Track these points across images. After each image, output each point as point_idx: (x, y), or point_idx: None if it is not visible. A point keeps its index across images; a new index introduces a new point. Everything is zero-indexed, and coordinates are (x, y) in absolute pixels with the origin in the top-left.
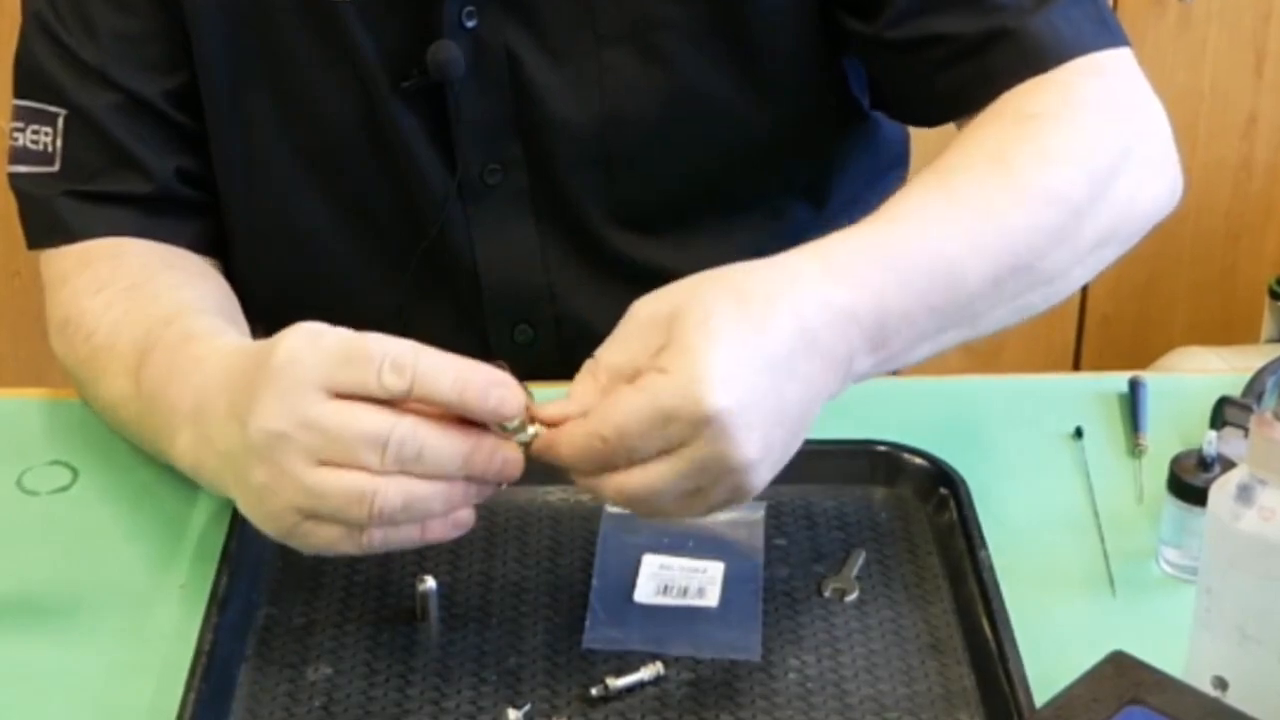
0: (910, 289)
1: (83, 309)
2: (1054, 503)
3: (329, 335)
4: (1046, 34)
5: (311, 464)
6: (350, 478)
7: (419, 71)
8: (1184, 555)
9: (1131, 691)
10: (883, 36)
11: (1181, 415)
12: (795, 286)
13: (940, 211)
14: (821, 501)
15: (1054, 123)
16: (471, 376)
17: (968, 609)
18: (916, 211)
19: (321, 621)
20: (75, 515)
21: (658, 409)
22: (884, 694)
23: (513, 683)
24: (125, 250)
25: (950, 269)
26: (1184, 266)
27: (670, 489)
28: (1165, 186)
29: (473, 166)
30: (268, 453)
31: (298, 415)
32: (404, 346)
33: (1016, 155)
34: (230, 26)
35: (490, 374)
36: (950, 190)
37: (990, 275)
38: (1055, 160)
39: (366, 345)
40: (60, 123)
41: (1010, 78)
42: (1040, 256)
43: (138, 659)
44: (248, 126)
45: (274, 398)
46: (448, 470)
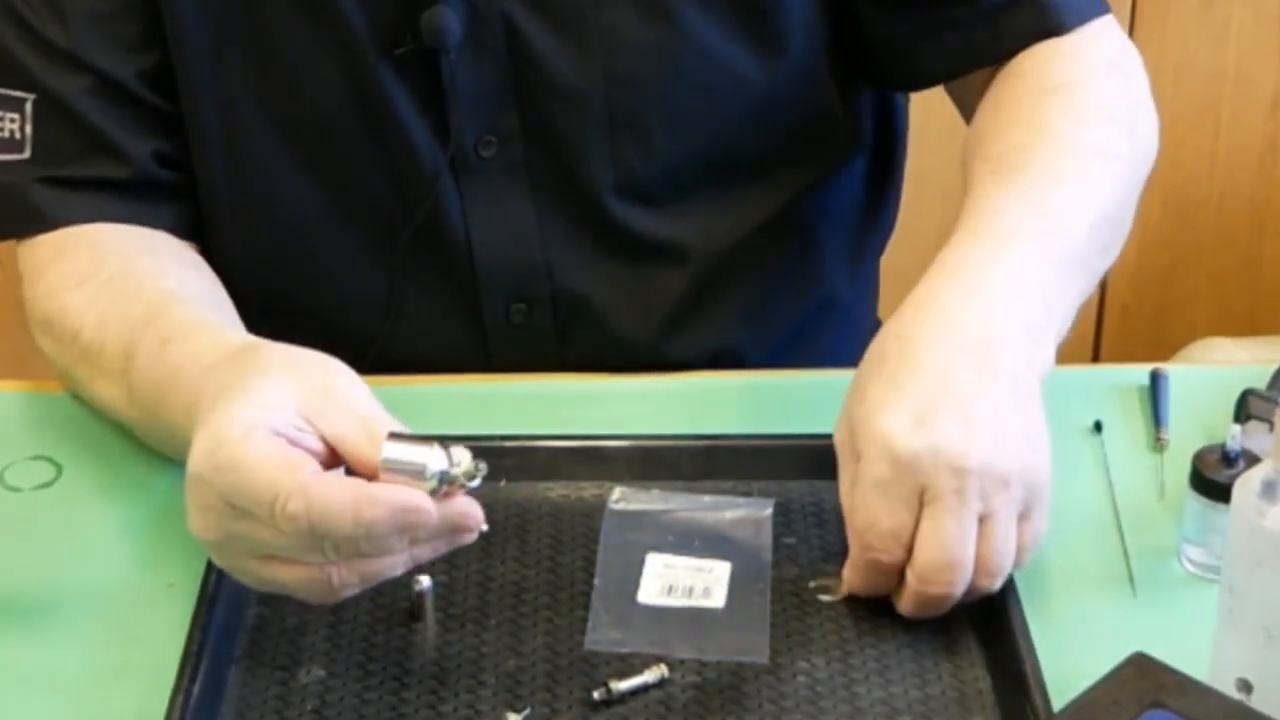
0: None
1: (64, 306)
2: (1072, 499)
3: (224, 453)
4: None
5: (259, 560)
6: (301, 570)
7: (412, 39)
8: (1207, 553)
9: (1153, 694)
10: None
11: (1204, 408)
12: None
13: (1041, 195)
14: (832, 498)
15: (1079, 92)
16: (375, 515)
17: (983, 609)
18: (1019, 209)
19: (314, 622)
20: (59, 512)
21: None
22: (896, 697)
23: (512, 686)
24: (102, 238)
25: (1076, 252)
26: (1207, 254)
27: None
28: (1157, 128)
29: (466, 138)
30: (216, 553)
31: (224, 529)
32: (295, 487)
33: (1060, 123)
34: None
35: (394, 502)
36: (1031, 174)
37: (1089, 231)
38: (1094, 122)
39: (256, 482)
40: (29, 108)
41: (1024, 39)
42: (1116, 205)
43: (124, 660)
44: (227, 101)
45: (196, 511)
46: (393, 549)
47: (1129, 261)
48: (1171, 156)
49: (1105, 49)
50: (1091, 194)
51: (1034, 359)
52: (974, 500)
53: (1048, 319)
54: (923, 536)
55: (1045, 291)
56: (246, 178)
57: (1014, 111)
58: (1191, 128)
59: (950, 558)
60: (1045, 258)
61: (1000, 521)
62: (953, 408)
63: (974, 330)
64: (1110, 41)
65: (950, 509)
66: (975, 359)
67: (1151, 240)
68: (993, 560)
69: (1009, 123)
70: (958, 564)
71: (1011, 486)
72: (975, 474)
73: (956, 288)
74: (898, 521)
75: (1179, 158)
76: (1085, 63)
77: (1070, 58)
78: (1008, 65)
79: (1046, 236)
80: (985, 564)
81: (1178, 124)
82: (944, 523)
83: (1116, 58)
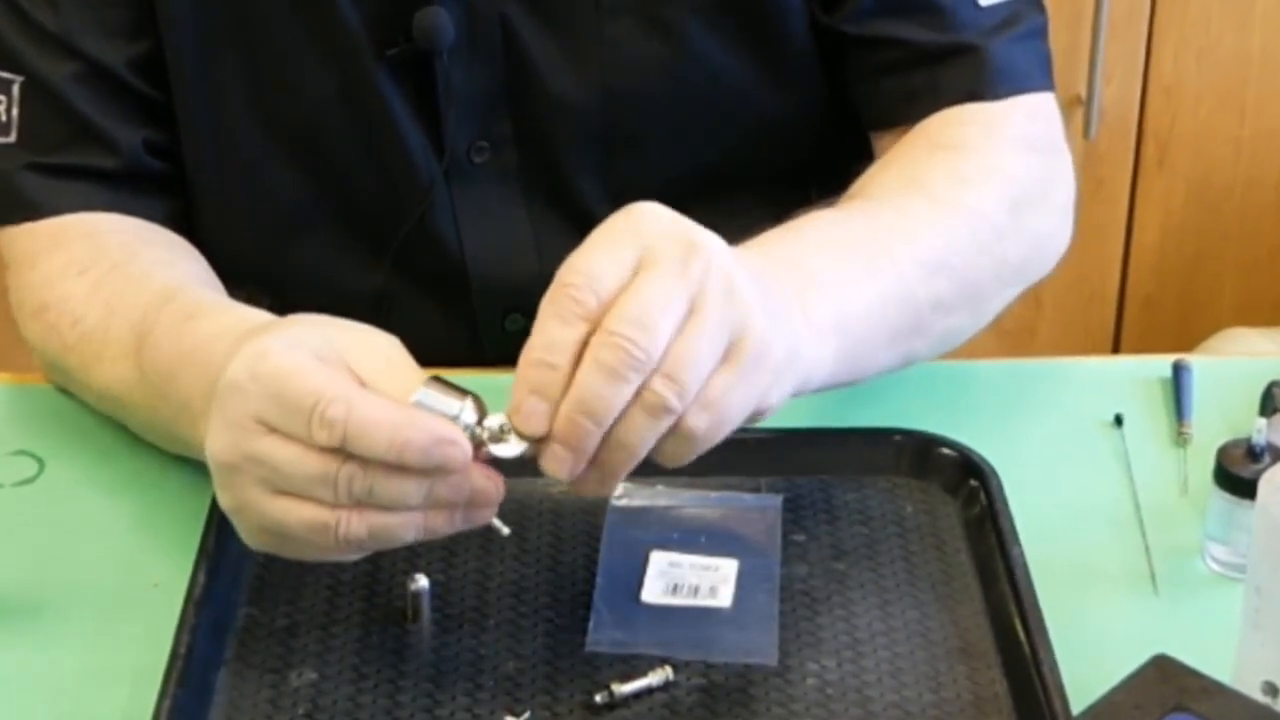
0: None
1: (65, 294)
2: (1092, 495)
3: (269, 361)
4: (1004, 62)
5: (268, 493)
6: (309, 510)
7: (404, 39)
8: (1231, 551)
9: (1175, 698)
10: (840, 29)
11: (1229, 401)
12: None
13: (864, 222)
14: (843, 494)
15: (971, 153)
16: (411, 436)
17: (999, 610)
18: (841, 223)
19: (306, 623)
20: (42, 509)
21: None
22: (909, 701)
23: (511, 689)
24: (100, 228)
25: (887, 258)
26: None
27: (661, 301)
28: (1065, 237)
29: (459, 143)
30: (225, 481)
31: (242, 449)
32: (338, 394)
33: (933, 177)
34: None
35: (433, 429)
36: (869, 203)
37: (919, 267)
38: (972, 182)
39: (299, 385)
40: (16, 90)
41: (958, 95)
42: (966, 264)
43: (109, 663)
44: (217, 96)
45: (221, 428)
46: (408, 504)
47: (1150, 249)
48: (1195, 142)
49: (1030, 129)
50: (935, 238)
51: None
52: (693, 280)
53: (821, 307)
54: (622, 294)
55: (827, 285)
56: (234, 173)
57: (894, 163)
58: (1215, 112)
59: (642, 311)
60: (843, 261)
61: (707, 320)
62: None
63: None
64: (1041, 123)
65: (664, 274)
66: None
67: (1174, 228)
68: (682, 356)
69: (881, 167)
70: (647, 323)
71: (735, 300)
72: (707, 253)
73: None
74: (602, 263)
75: (1203, 143)
76: (995, 131)
77: (981, 125)
78: (919, 125)
79: (852, 246)
80: (673, 358)
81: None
82: (652, 281)
83: (1041, 142)
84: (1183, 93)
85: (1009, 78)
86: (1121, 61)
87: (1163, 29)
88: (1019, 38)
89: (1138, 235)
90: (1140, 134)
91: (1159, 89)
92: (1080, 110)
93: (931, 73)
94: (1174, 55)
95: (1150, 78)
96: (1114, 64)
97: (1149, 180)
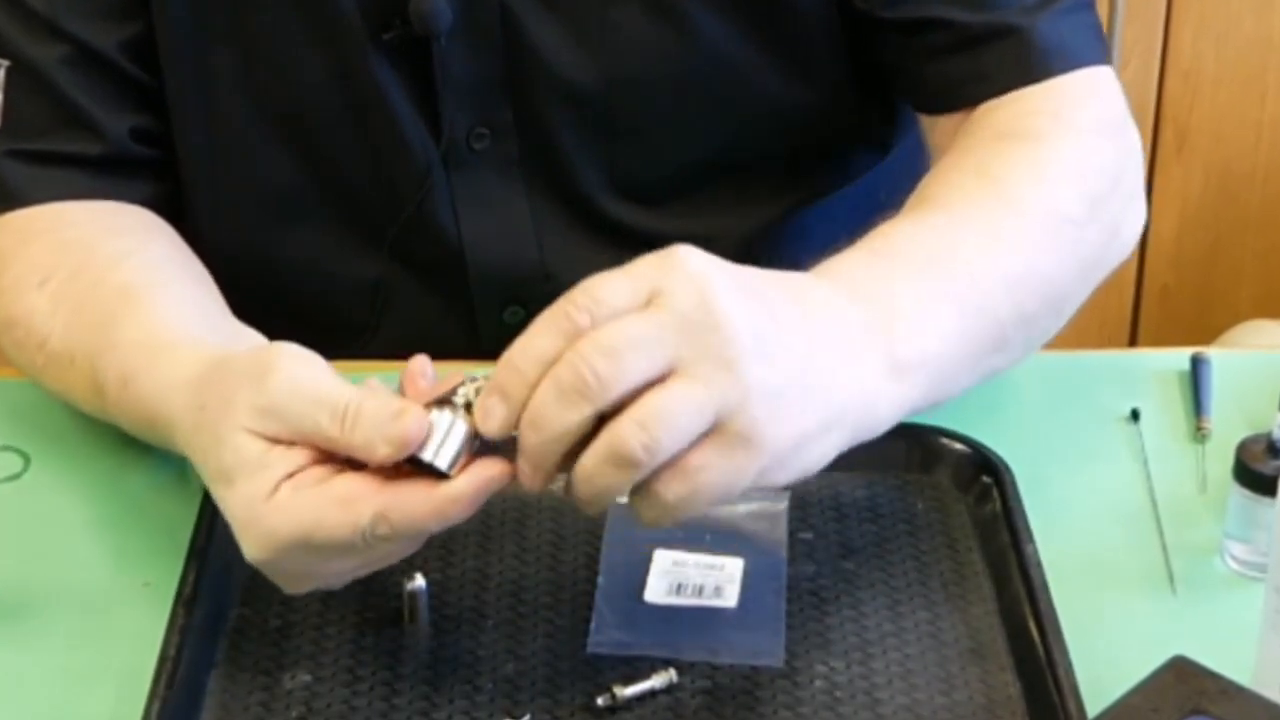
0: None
1: (30, 309)
2: (1108, 492)
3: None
4: (1052, 39)
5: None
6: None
7: (401, 23)
8: (1251, 550)
9: (1194, 701)
10: (877, 15)
11: (1249, 395)
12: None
13: (946, 235)
14: (851, 491)
15: (1045, 145)
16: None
17: (1013, 610)
18: (922, 240)
19: (299, 624)
20: (27, 506)
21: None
22: (920, 703)
23: (510, 691)
24: (64, 221)
25: (979, 299)
26: (1251, 232)
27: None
28: (1141, 217)
29: (458, 130)
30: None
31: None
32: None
33: (1010, 175)
34: None
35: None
36: (950, 213)
37: (1004, 286)
38: (1050, 180)
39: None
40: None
41: (1007, 81)
42: (1053, 270)
43: (96, 664)
44: (209, 80)
45: (246, 542)
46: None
47: (1168, 239)
48: (1215, 128)
49: (1096, 109)
50: (1017, 249)
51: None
52: (690, 338)
53: (909, 343)
54: (611, 320)
55: (912, 316)
56: (227, 160)
57: (964, 156)
58: (1236, 97)
59: (614, 342)
60: (927, 287)
61: (693, 384)
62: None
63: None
64: (1105, 100)
65: (660, 317)
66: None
67: (1193, 217)
68: (657, 409)
69: (954, 166)
70: (613, 354)
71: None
72: (721, 318)
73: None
74: (614, 289)
75: (1222, 129)
76: (1065, 119)
77: (1049, 114)
78: (980, 111)
79: (941, 272)
80: (647, 408)
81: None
82: (644, 319)
83: (1108, 121)
84: (1201, 77)
85: (1060, 56)
86: (1138, 45)
87: (1181, 11)
88: (1063, 11)
89: (1155, 224)
90: (1158, 120)
91: (1177, 73)
92: None
93: (975, 57)
94: (1192, 38)
95: (1168, 61)
96: (1131, 47)
97: (1167, 167)
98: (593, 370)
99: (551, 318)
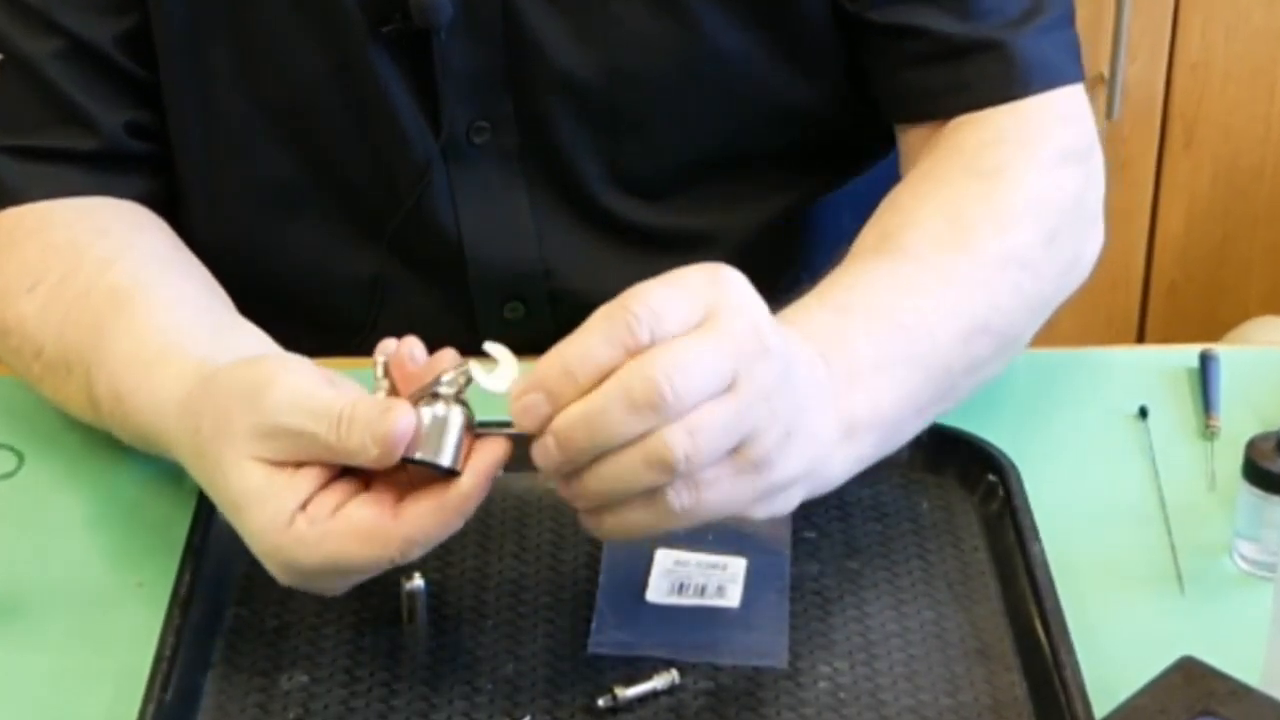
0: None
1: (21, 316)
2: (1115, 491)
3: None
4: (1033, 56)
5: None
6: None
7: (400, 16)
8: (1261, 549)
9: (1202, 702)
10: (863, 17)
11: (1258, 392)
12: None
13: (908, 286)
14: (856, 490)
15: (1010, 183)
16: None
17: (1019, 610)
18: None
19: (296, 624)
20: (21, 504)
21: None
22: (925, 704)
23: (510, 692)
24: (52, 221)
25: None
26: (1260, 227)
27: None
28: (1099, 240)
29: (458, 124)
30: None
31: (269, 547)
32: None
33: (973, 221)
34: None
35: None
36: (913, 260)
37: (960, 340)
38: (1011, 224)
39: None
40: None
41: (984, 95)
42: (1006, 319)
43: (91, 665)
44: (206, 73)
45: (270, 567)
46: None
47: (1176, 235)
48: (1223, 122)
49: (1064, 138)
50: (977, 302)
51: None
52: (746, 369)
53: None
54: (682, 338)
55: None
56: (223, 155)
57: (934, 190)
58: (1244, 91)
59: (691, 365)
60: (887, 349)
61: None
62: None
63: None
64: (1074, 125)
65: (724, 346)
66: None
67: (1201, 212)
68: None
69: (924, 197)
70: (690, 377)
71: (772, 409)
72: (772, 356)
73: None
74: (672, 305)
75: (1231, 123)
76: (1031, 149)
77: (1016, 143)
78: (950, 128)
79: (901, 330)
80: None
81: (1229, 87)
82: (711, 345)
83: (1074, 150)
84: (1210, 71)
85: (1038, 73)
86: (1146, 38)
87: (1189, 4)
88: (1046, 28)
89: (1163, 220)
90: (1165, 114)
91: (1185, 67)
92: (1103, 89)
93: (956, 68)
94: (1201, 31)
95: (1176, 55)
96: (1138, 41)
97: (1174, 162)
98: (671, 387)
99: (610, 327)
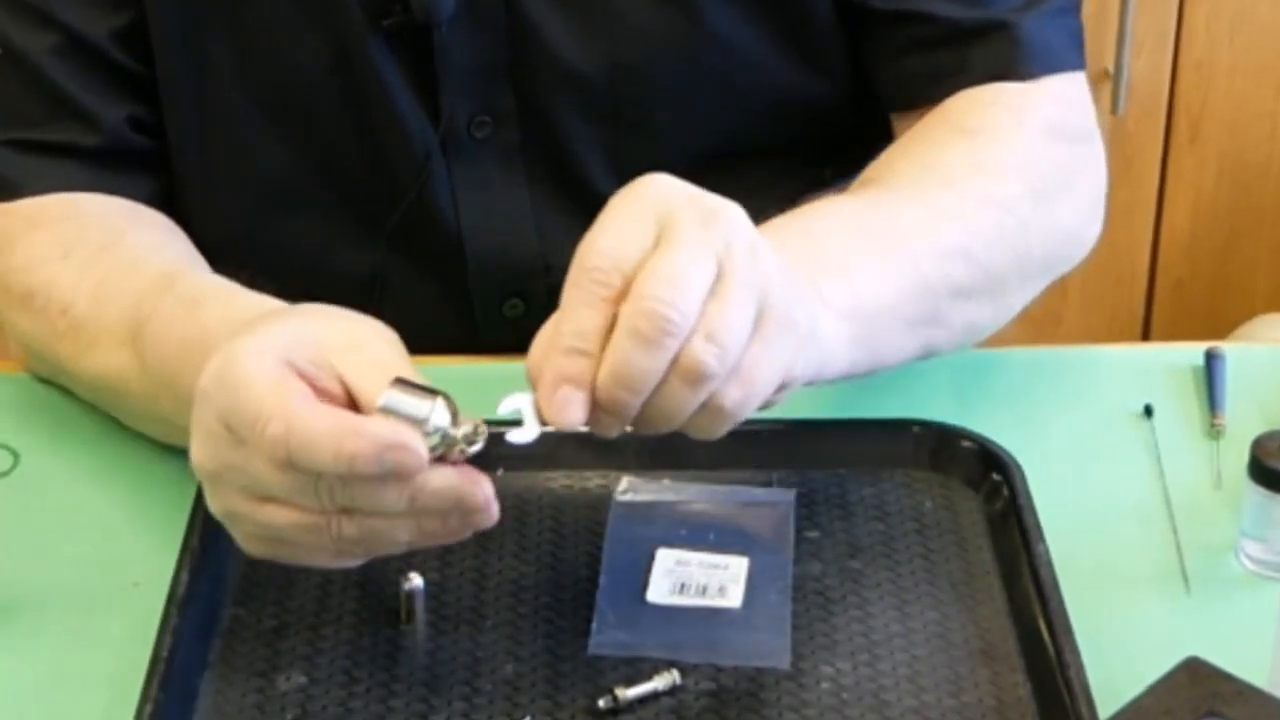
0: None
1: (51, 278)
2: (1120, 490)
3: (231, 370)
4: (1036, 39)
5: (255, 500)
6: (297, 513)
7: (401, 9)
8: (1267, 549)
9: (1208, 703)
10: (868, 6)
11: (1264, 391)
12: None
13: (876, 206)
14: (859, 489)
15: (993, 140)
16: (358, 447)
17: (1023, 610)
18: (849, 208)
19: (294, 624)
20: (16, 504)
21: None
22: (928, 705)
23: (510, 693)
24: (82, 209)
25: (902, 246)
26: (1266, 224)
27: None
28: (1096, 228)
29: (459, 118)
30: (212, 490)
31: (221, 458)
32: (276, 411)
33: (949, 164)
34: None
35: (380, 436)
36: (885, 190)
37: (935, 256)
38: (990, 172)
39: (244, 402)
40: None
41: (986, 75)
42: (987, 251)
43: (87, 666)
44: (204, 68)
45: (200, 435)
46: (389, 503)
47: (1182, 232)
48: (1229, 118)
49: (1057, 115)
50: (954, 228)
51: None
52: (718, 245)
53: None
54: (648, 262)
55: (837, 263)
56: (222, 149)
57: (912, 147)
58: (1250, 87)
59: (674, 272)
60: (852, 242)
61: (738, 284)
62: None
63: None
64: (1071, 109)
65: (689, 239)
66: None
67: (1206, 209)
68: (720, 318)
69: (899, 153)
70: (680, 284)
71: (760, 265)
72: (727, 218)
73: None
74: (622, 239)
75: (1236, 119)
76: (1022, 116)
77: (1008, 108)
78: (943, 104)
79: (870, 238)
80: (711, 320)
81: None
82: (677, 246)
83: (1069, 129)
84: (1215, 66)
85: (1040, 57)
86: (1151, 33)
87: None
88: (1052, 13)
89: (1168, 216)
90: (1171, 110)
91: (1190, 62)
92: (1108, 85)
93: (960, 51)
94: (1206, 27)
95: (1181, 50)
96: (1143, 36)
97: (1180, 158)
98: (671, 305)
99: (582, 292)
